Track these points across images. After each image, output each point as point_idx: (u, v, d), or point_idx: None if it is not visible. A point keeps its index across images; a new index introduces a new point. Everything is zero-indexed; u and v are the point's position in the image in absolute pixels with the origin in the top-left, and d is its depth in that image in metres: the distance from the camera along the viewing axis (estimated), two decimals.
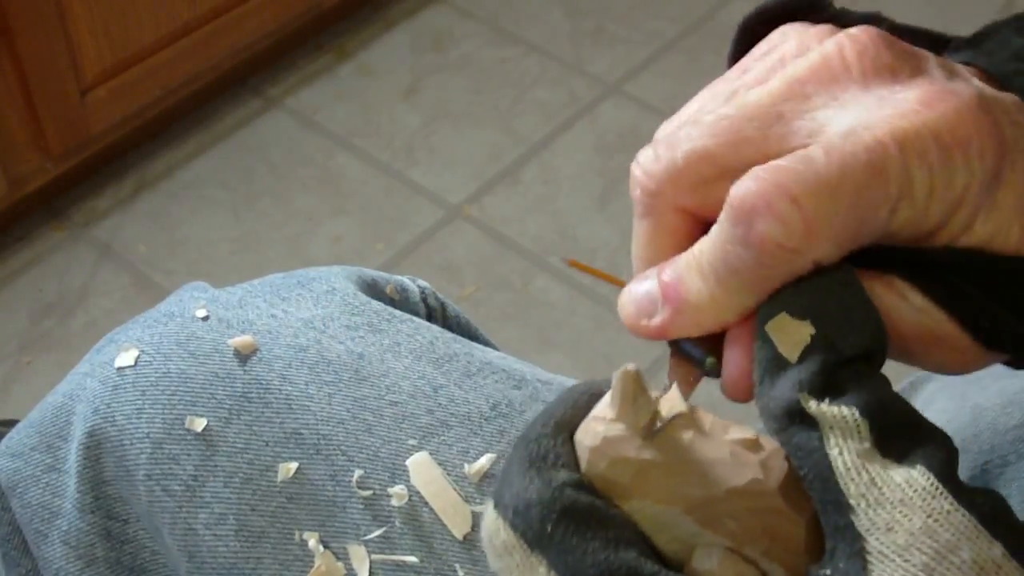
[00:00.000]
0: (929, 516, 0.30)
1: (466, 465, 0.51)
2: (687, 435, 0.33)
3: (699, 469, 0.33)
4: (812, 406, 0.32)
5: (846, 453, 0.31)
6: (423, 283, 0.65)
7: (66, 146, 1.50)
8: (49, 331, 1.49)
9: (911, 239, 0.35)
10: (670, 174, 0.35)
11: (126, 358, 0.54)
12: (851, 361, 0.32)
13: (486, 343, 0.65)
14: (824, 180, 0.32)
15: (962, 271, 0.35)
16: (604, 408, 0.34)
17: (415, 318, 0.58)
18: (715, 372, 0.36)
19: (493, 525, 0.33)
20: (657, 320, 0.36)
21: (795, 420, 0.32)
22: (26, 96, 1.41)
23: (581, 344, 1.50)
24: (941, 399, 0.60)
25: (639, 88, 1.84)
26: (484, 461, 0.51)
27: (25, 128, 1.44)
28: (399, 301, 0.62)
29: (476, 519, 0.49)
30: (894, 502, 0.30)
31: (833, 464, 0.31)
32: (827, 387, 0.32)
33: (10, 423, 1.12)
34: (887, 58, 0.35)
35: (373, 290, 0.61)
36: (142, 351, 0.54)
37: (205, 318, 0.55)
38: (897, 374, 0.65)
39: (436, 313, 0.64)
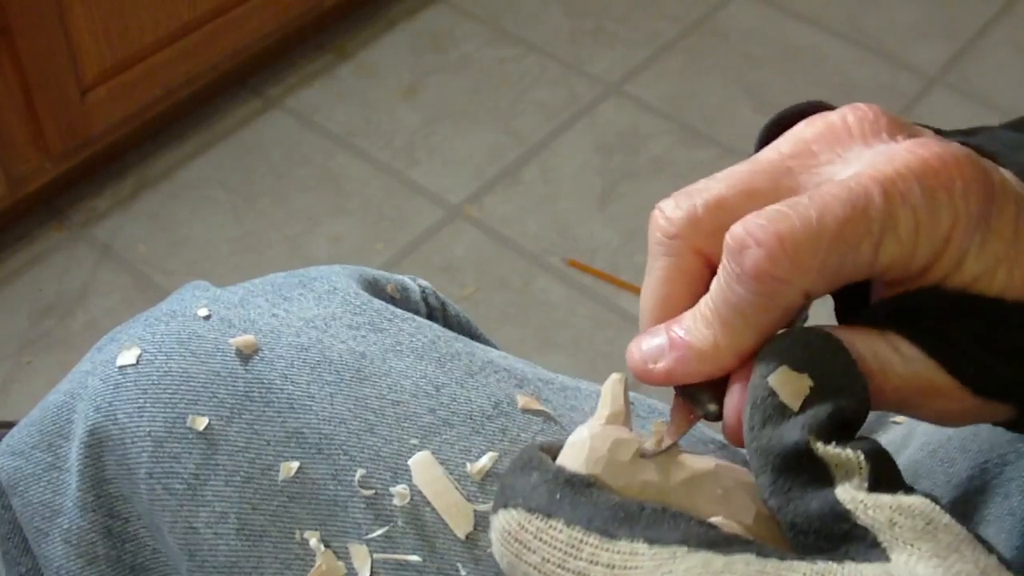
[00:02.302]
0: (929, 523, 0.33)
1: (468, 464, 0.51)
2: (675, 457, 0.38)
3: (686, 471, 0.37)
4: (820, 447, 0.34)
5: (848, 487, 0.33)
6: (424, 282, 0.65)
7: (66, 146, 1.50)
8: (49, 331, 1.49)
9: (902, 276, 0.37)
10: (690, 219, 0.39)
11: (128, 356, 0.55)
12: (844, 415, 0.35)
13: (487, 342, 0.65)
14: (806, 218, 0.35)
15: (949, 317, 0.37)
16: (597, 412, 0.39)
17: (416, 317, 0.58)
18: (714, 416, 0.39)
19: (504, 518, 0.35)
20: (662, 365, 0.38)
21: (801, 461, 0.34)
22: (26, 96, 1.41)
23: (581, 344, 1.50)
24: None
25: (639, 88, 1.84)
26: (486, 460, 0.51)
27: (25, 128, 1.44)
28: (400, 300, 0.62)
29: (478, 518, 0.49)
30: (893, 507, 0.33)
31: (838, 495, 0.34)
32: (832, 433, 0.34)
33: (8, 425, 1.12)
34: (885, 122, 0.38)
35: (374, 289, 0.61)
36: (144, 350, 0.55)
37: (207, 317, 0.55)
38: None
39: (437, 312, 0.64)
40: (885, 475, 0.34)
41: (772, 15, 1.99)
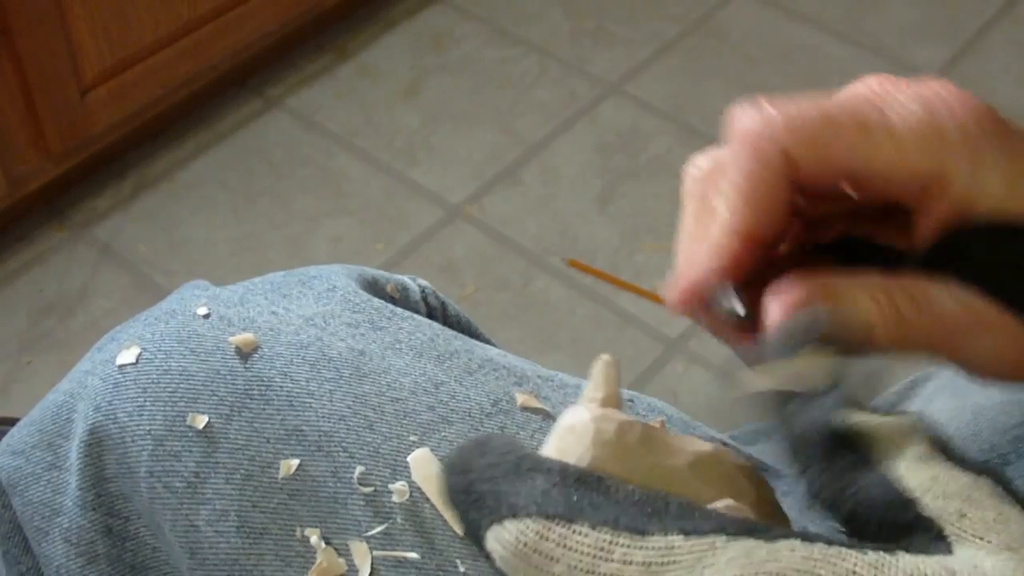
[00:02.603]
0: (1000, 514, 0.31)
1: None
2: (674, 439, 0.36)
3: (689, 454, 0.36)
4: (865, 418, 0.33)
5: (901, 459, 0.32)
6: (423, 282, 0.65)
7: (66, 146, 1.50)
8: (49, 331, 1.49)
9: (909, 182, 0.37)
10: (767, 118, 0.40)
11: (128, 355, 0.55)
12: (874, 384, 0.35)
13: (486, 341, 0.65)
14: (796, 100, 0.38)
15: (991, 246, 0.37)
16: (588, 394, 0.37)
17: (416, 316, 0.58)
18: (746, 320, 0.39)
19: (517, 529, 0.32)
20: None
21: (838, 439, 0.33)
22: (26, 96, 1.41)
23: (581, 344, 1.50)
24: (941, 398, 0.60)
25: (639, 88, 1.84)
26: None
27: (25, 128, 1.44)
28: (399, 300, 0.62)
29: None
30: (962, 497, 0.32)
31: (893, 471, 0.32)
32: (869, 407, 0.33)
33: (10, 421, 1.12)
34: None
35: (374, 289, 0.61)
36: (144, 348, 0.55)
37: (206, 316, 0.55)
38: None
39: (436, 312, 0.64)
40: (943, 442, 0.33)
41: (772, 15, 1.99)
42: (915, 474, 0.32)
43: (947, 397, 0.60)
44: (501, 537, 0.32)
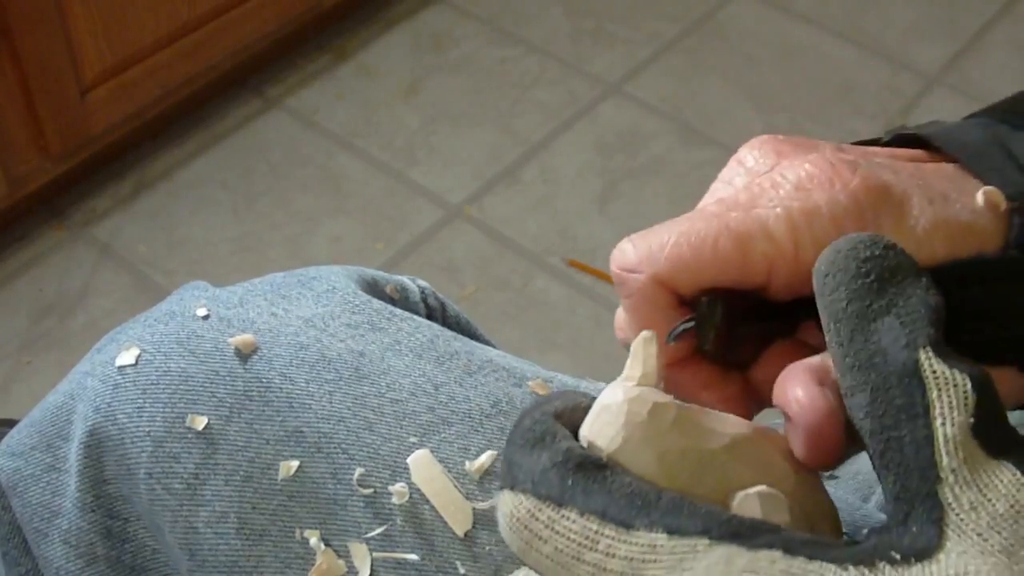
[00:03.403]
0: (1013, 507, 0.31)
1: (467, 462, 0.51)
2: (711, 419, 0.35)
3: (725, 436, 0.35)
4: (931, 365, 0.32)
5: (949, 425, 0.31)
6: (423, 283, 0.65)
7: (66, 146, 1.50)
8: (49, 331, 1.49)
9: (800, 279, 0.37)
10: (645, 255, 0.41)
11: (127, 357, 0.55)
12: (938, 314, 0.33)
13: (486, 342, 0.65)
14: (665, 224, 0.39)
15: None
16: (627, 372, 0.36)
17: (416, 317, 0.58)
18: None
19: (513, 502, 0.33)
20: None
21: (903, 378, 0.32)
22: (26, 96, 1.41)
23: (581, 344, 1.50)
24: None
25: (639, 88, 1.84)
26: (485, 458, 0.51)
27: (25, 128, 1.44)
28: (399, 301, 0.62)
29: (477, 516, 0.49)
30: (983, 486, 0.31)
31: (935, 432, 0.31)
32: (942, 348, 0.32)
33: (9, 423, 1.12)
34: (770, 146, 0.41)
35: (373, 289, 0.61)
36: (143, 350, 0.55)
37: (206, 317, 0.55)
38: None
39: (436, 313, 0.64)
40: (991, 411, 0.32)
41: (772, 15, 1.99)
42: (953, 451, 0.31)
43: None
44: (501, 505, 0.34)
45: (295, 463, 0.51)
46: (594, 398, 0.36)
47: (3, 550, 0.58)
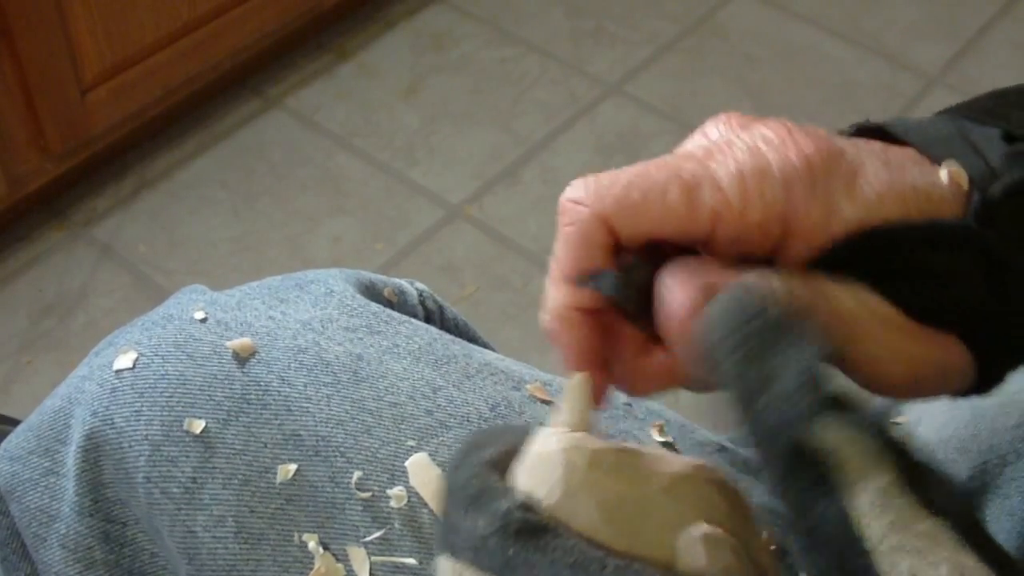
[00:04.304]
0: (953, 568, 0.29)
1: None
2: (649, 460, 0.34)
3: (664, 477, 0.34)
4: (828, 434, 0.30)
5: (865, 491, 0.30)
6: (421, 286, 0.65)
7: (66, 146, 1.50)
8: (49, 331, 1.49)
9: (742, 233, 0.37)
10: (591, 188, 0.40)
11: (124, 360, 0.54)
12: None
13: (484, 345, 0.65)
14: (610, 172, 0.39)
15: (870, 261, 0.37)
16: (559, 419, 0.36)
17: (413, 320, 0.58)
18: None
19: (453, 572, 0.32)
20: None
21: (805, 456, 0.30)
22: (26, 96, 1.41)
23: None
24: (940, 399, 0.60)
25: (639, 88, 1.84)
26: None
27: (25, 128, 1.44)
28: (397, 303, 0.62)
29: None
30: (917, 550, 0.29)
31: (856, 505, 0.30)
32: (837, 411, 0.30)
33: (10, 421, 1.12)
34: (736, 120, 0.41)
35: (371, 293, 0.61)
36: (140, 353, 0.54)
37: (203, 320, 0.55)
38: None
39: (434, 315, 0.64)
40: (909, 465, 0.30)
41: (772, 15, 1.99)
42: (875, 518, 0.29)
43: (945, 399, 0.60)
44: (442, 571, 0.33)
45: (293, 467, 0.51)
46: (527, 432, 0.35)
47: (2, 555, 0.58)
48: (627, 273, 0.38)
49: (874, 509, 0.29)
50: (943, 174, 0.38)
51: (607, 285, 0.38)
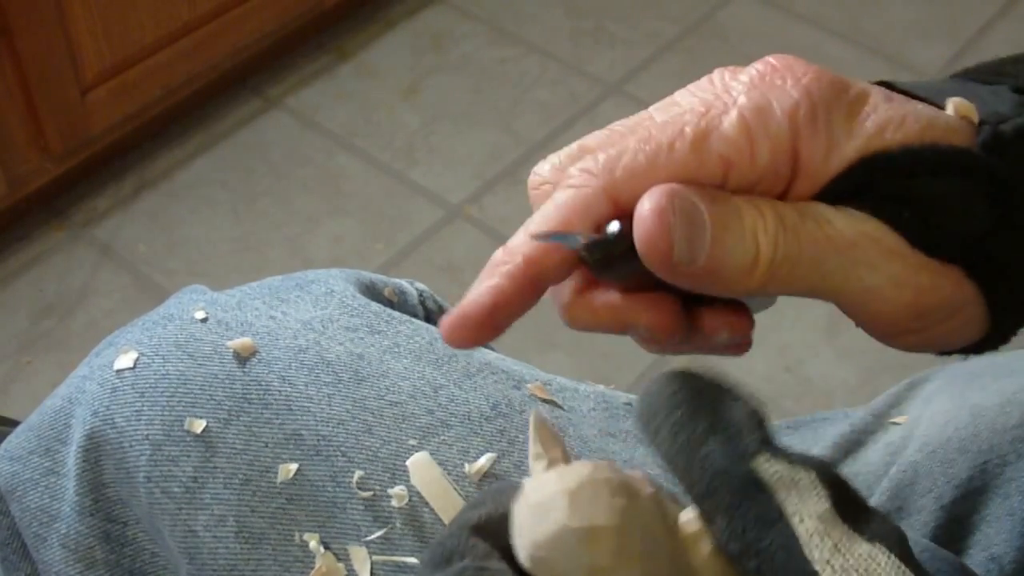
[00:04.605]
0: None
1: (466, 465, 0.51)
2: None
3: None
4: (770, 468, 0.31)
5: (807, 518, 0.31)
6: (421, 286, 0.65)
7: (66, 146, 1.50)
8: (49, 331, 1.49)
9: (765, 170, 0.36)
10: (554, 167, 0.41)
11: (125, 360, 0.54)
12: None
13: (484, 345, 0.65)
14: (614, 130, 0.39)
15: (871, 190, 0.36)
16: (540, 463, 0.35)
17: (414, 319, 0.58)
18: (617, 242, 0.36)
19: None
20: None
21: (748, 489, 0.31)
22: (26, 96, 1.41)
23: (581, 344, 1.50)
24: (939, 399, 0.60)
25: (639, 88, 1.84)
26: (484, 461, 0.51)
27: (25, 128, 1.44)
28: (397, 303, 0.62)
29: None
30: (860, 572, 0.30)
31: (796, 530, 0.31)
32: (774, 447, 0.32)
33: (9, 422, 1.12)
34: (744, 73, 0.40)
35: (371, 293, 0.61)
36: (141, 353, 0.54)
37: (204, 320, 0.55)
38: (896, 375, 0.65)
39: (434, 315, 0.64)
40: (844, 492, 0.32)
41: (772, 15, 1.99)
42: (820, 542, 0.30)
43: (945, 399, 0.60)
44: None
45: (294, 466, 0.51)
46: (516, 489, 0.34)
47: (2, 555, 0.58)
48: (605, 239, 0.36)
49: (818, 534, 0.30)
50: (949, 107, 0.37)
51: (574, 242, 0.37)
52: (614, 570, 0.31)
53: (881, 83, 0.40)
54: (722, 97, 0.37)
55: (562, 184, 0.38)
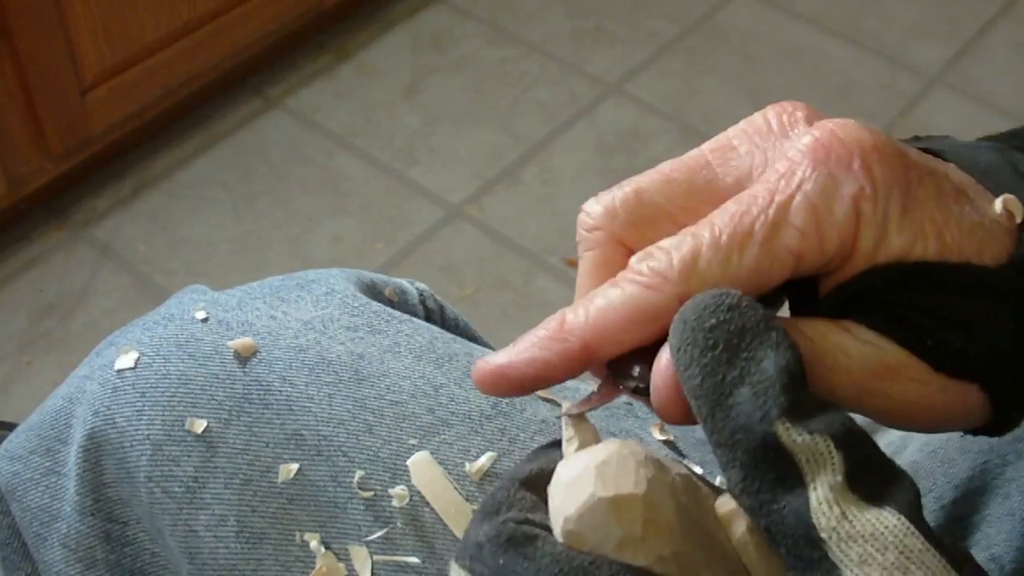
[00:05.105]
0: (901, 553, 0.31)
1: (467, 464, 0.51)
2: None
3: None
4: (790, 436, 0.31)
5: (820, 488, 0.31)
6: (421, 285, 0.65)
7: (66, 146, 1.50)
8: (49, 331, 1.49)
9: (826, 262, 0.36)
10: (607, 211, 0.39)
11: (126, 360, 0.54)
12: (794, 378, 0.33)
13: (484, 345, 0.65)
14: (683, 234, 0.37)
15: (896, 293, 0.36)
16: (572, 446, 0.36)
17: (414, 319, 0.58)
18: (639, 388, 0.37)
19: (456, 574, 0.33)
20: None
21: (767, 453, 0.32)
22: (26, 96, 1.41)
23: None
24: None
25: (639, 88, 1.84)
26: (485, 460, 0.51)
27: (25, 128, 1.44)
28: (398, 303, 0.62)
29: None
30: (866, 537, 0.31)
31: (813, 498, 0.31)
32: (798, 412, 0.32)
33: (8, 426, 1.12)
34: (802, 115, 0.39)
35: (372, 292, 0.61)
36: (142, 353, 0.54)
37: (205, 320, 0.55)
38: None
39: (435, 315, 0.64)
40: (861, 462, 0.32)
41: (772, 15, 1.99)
42: (828, 510, 0.31)
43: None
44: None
45: (295, 466, 0.51)
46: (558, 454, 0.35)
47: (2, 554, 0.58)
48: (625, 382, 0.37)
49: (827, 503, 0.31)
50: (998, 204, 0.37)
51: (633, 382, 0.37)
52: (644, 540, 0.32)
53: (919, 145, 0.40)
54: (787, 178, 0.36)
55: (630, 278, 0.36)
